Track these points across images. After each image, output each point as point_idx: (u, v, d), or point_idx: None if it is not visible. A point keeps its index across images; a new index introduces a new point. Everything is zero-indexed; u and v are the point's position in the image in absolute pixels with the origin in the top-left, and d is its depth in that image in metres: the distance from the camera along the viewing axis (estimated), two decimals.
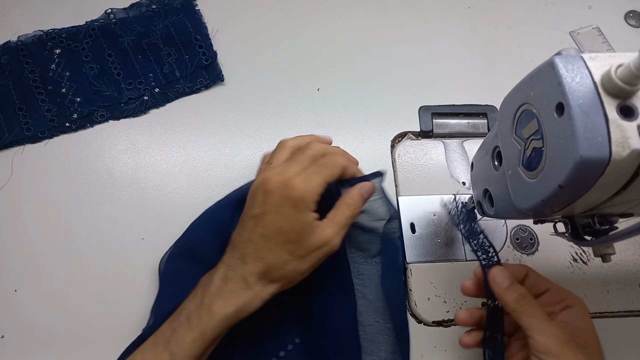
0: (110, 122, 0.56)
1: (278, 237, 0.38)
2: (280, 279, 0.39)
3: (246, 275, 0.38)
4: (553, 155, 0.28)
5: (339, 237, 0.39)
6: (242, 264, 0.39)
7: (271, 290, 0.39)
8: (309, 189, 0.38)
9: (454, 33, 0.63)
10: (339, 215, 0.40)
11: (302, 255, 0.38)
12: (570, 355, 0.33)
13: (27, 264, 0.49)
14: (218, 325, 0.37)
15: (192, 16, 0.60)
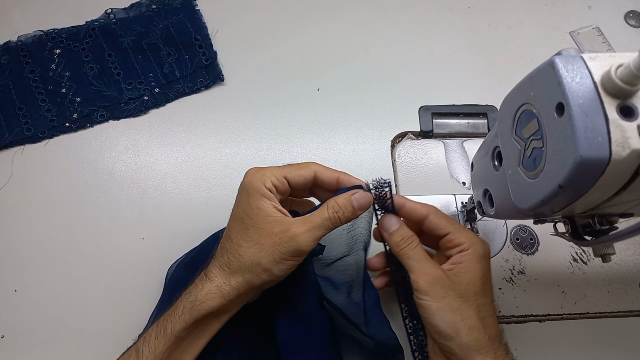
0: (110, 122, 0.56)
1: (236, 225, 0.38)
2: (239, 269, 0.36)
3: (209, 268, 0.38)
4: (553, 155, 0.28)
5: (309, 236, 0.36)
6: (210, 260, 0.39)
7: (234, 284, 0.36)
8: (259, 175, 0.37)
9: (454, 33, 0.63)
10: (315, 214, 0.37)
11: (261, 244, 0.36)
12: (440, 292, 0.35)
13: (27, 264, 0.49)
14: (176, 319, 0.36)
15: (192, 16, 0.60)
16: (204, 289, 0.37)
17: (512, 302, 0.48)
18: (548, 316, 0.48)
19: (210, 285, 0.37)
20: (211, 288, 0.37)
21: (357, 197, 0.37)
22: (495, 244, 0.51)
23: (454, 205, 0.52)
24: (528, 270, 0.50)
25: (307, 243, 0.36)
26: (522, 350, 0.47)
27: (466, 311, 0.35)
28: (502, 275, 0.50)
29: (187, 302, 0.37)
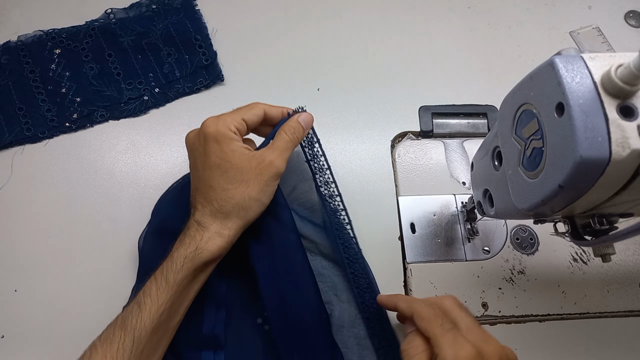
0: (110, 122, 0.56)
1: (214, 173, 0.40)
2: (233, 209, 0.40)
3: (198, 218, 0.40)
4: (553, 155, 0.28)
5: (281, 159, 0.41)
6: (194, 211, 0.41)
7: (231, 225, 0.40)
8: (221, 122, 0.41)
9: (454, 33, 0.63)
10: (278, 140, 0.42)
11: (245, 180, 0.40)
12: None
13: (27, 264, 0.49)
14: (179, 269, 0.38)
15: (192, 16, 0.60)
16: (204, 237, 0.39)
17: (512, 302, 0.48)
18: (548, 316, 0.48)
19: (209, 232, 0.40)
20: (210, 235, 0.40)
21: (302, 118, 0.44)
22: (495, 244, 0.51)
23: (454, 205, 0.53)
24: (528, 270, 0.50)
25: (282, 164, 0.41)
26: (522, 350, 0.47)
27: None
28: (502, 275, 0.50)
29: (188, 252, 0.39)
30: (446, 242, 0.51)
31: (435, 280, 0.49)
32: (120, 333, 0.37)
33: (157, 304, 0.38)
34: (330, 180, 0.48)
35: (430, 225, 0.52)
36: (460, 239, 0.51)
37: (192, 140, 0.43)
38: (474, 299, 0.48)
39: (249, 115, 0.43)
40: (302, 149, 0.47)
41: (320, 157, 0.48)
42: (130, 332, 0.36)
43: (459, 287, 0.49)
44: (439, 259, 0.50)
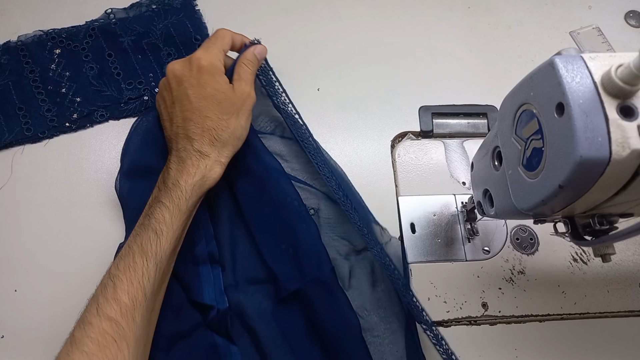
0: (110, 122, 0.56)
1: (209, 103, 0.44)
2: (229, 138, 0.44)
3: (198, 147, 0.43)
4: (553, 155, 0.28)
5: (252, 89, 0.47)
6: (189, 141, 0.44)
7: (227, 153, 0.45)
8: (212, 55, 0.45)
9: (454, 33, 0.63)
10: (242, 72, 0.47)
11: (235, 111, 0.45)
12: None
13: (27, 264, 0.49)
14: (190, 196, 0.42)
15: (192, 16, 0.60)
16: (207, 166, 0.43)
17: (512, 302, 0.48)
18: (548, 316, 0.48)
19: (210, 161, 0.43)
20: (212, 163, 0.43)
21: (257, 51, 0.49)
22: (495, 244, 0.51)
23: (454, 205, 0.53)
24: (528, 270, 0.50)
25: (254, 94, 0.47)
26: (522, 350, 0.47)
27: None
28: (502, 275, 0.50)
29: (195, 180, 0.42)
30: (446, 242, 0.51)
31: (435, 280, 0.49)
32: (141, 260, 0.39)
33: (172, 229, 0.41)
34: (287, 101, 0.52)
35: (430, 225, 0.52)
36: (460, 239, 0.51)
37: (180, 71, 0.45)
38: (474, 299, 0.48)
39: (225, 44, 0.47)
40: (257, 77, 0.51)
41: (274, 82, 0.52)
42: (152, 257, 0.39)
43: (459, 287, 0.49)
44: (439, 259, 0.50)
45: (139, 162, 0.50)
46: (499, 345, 0.47)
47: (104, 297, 0.37)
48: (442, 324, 0.48)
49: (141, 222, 0.42)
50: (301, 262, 0.46)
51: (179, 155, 0.44)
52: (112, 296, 0.37)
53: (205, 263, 0.46)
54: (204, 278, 0.45)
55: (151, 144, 0.50)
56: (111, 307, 0.36)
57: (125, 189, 0.49)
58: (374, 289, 0.48)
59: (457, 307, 0.48)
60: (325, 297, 0.45)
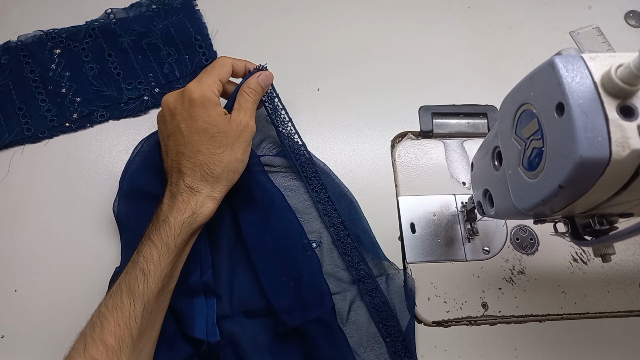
0: (110, 122, 0.56)
1: (201, 137, 0.42)
2: (223, 173, 0.42)
3: (189, 183, 0.42)
4: (553, 155, 0.28)
5: (252, 120, 0.45)
6: (181, 177, 0.42)
7: (220, 188, 0.43)
8: (205, 87, 0.43)
9: (454, 33, 0.63)
10: (243, 102, 0.45)
11: (230, 144, 0.43)
12: None
13: (27, 264, 0.49)
14: (179, 234, 0.40)
15: (192, 16, 0.60)
16: (198, 202, 0.42)
17: (512, 302, 0.48)
18: (548, 316, 0.48)
19: (202, 197, 0.42)
20: (203, 199, 0.42)
21: (262, 78, 0.47)
22: (495, 244, 0.51)
23: (454, 205, 0.53)
24: (528, 270, 0.50)
25: (254, 125, 0.45)
26: (522, 350, 0.47)
27: None
28: (502, 275, 0.50)
29: (185, 217, 0.41)
30: (446, 242, 0.51)
31: (435, 280, 0.49)
32: (129, 300, 0.38)
33: (160, 268, 0.39)
34: (292, 131, 0.51)
35: (430, 225, 0.52)
36: (460, 239, 0.51)
37: (173, 104, 0.44)
38: (474, 299, 0.48)
39: (223, 73, 0.45)
40: (263, 104, 0.50)
41: (280, 110, 0.51)
42: (139, 298, 0.38)
43: (459, 287, 0.49)
44: (439, 259, 0.50)
45: (138, 185, 0.49)
46: (499, 345, 0.47)
47: (91, 337, 0.37)
48: (442, 324, 0.48)
49: (133, 258, 0.41)
50: (302, 298, 0.45)
51: (171, 190, 0.43)
52: (99, 337, 0.37)
53: (200, 295, 0.45)
54: (197, 310, 0.44)
55: (151, 168, 0.49)
56: (97, 348, 0.36)
57: (123, 210, 0.48)
58: (371, 324, 0.47)
59: (457, 307, 0.48)
60: (324, 336, 0.44)
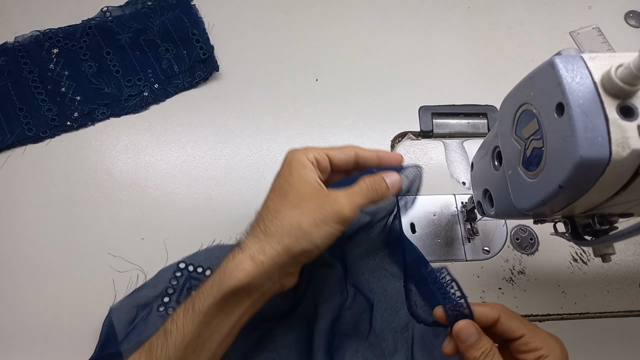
0: (110, 121, 0.56)
1: (275, 194, 0.37)
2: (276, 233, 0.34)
3: (241, 239, 0.36)
4: (553, 155, 0.28)
5: (350, 202, 0.35)
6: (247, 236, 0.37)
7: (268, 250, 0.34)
8: (301, 150, 0.38)
9: (454, 33, 0.63)
10: (355, 185, 0.37)
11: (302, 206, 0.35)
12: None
13: (27, 264, 0.49)
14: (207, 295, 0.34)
15: (188, 11, 0.60)
16: (235, 259, 0.34)
17: (512, 302, 0.48)
18: (548, 316, 0.48)
19: (242, 255, 0.34)
20: (243, 258, 0.34)
21: (390, 179, 0.38)
22: (495, 244, 0.51)
23: (454, 205, 0.52)
24: (528, 270, 0.50)
25: (349, 208, 0.35)
26: None
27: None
28: (502, 275, 0.50)
29: (217, 274, 0.35)
30: (446, 242, 0.51)
31: None
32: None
33: (182, 333, 0.34)
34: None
35: (430, 225, 0.52)
36: (460, 239, 0.51)
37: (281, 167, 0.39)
38: (474, 299, 0.48)
39: (336, 152, 0.38)
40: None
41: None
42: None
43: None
44: (439, 259, 0.50)
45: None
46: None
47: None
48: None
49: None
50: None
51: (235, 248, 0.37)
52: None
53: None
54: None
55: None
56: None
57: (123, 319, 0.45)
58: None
59: None
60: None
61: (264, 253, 0.34)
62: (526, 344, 0.34)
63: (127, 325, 0.44)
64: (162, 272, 0.47)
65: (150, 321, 0.44)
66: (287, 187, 0.36)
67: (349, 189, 0.37)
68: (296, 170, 0.36)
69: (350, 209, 0.35)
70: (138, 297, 0.46)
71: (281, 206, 0.35)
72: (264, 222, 0.36)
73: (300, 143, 0.55)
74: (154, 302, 0.45)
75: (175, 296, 0.45)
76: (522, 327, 0.34)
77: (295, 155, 0.37)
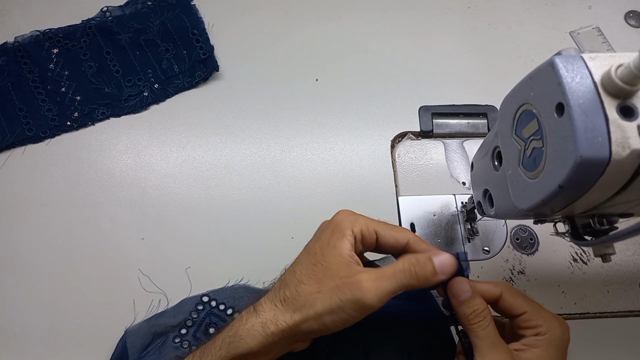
0: (110, 121, 0.56)
1: (305, 259, 0.35)
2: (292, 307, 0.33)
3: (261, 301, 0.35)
4: (553, 155, 0.28)
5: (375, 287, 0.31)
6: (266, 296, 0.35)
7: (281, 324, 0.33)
8: (349, 219, 0.35)
9: (454, 33, 0.63)
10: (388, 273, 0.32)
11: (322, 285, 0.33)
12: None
13: (27, 264, 0.49)
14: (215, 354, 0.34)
15: (188, 11, 0.60)
16: (248, 323, 0.34)
17: None
18: None
19: (256, 320, 0.34)
20: (255, 324, 0.33)
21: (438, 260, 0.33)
22: (495, 244, 0.51)
23: (454, 205, 0.52)
24: (528, 270, 0.50)
25: (372, 295, 0.31)
26: None
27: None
28: (502, 275, 0.50)
29: (227, 335, 0.34)
30: (446, 242, 0.51)
31: None
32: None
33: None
34: None
35: (430, 225, 0.52)
36: (460, 239, 0.51)
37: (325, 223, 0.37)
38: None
39: (387, 231, 0.35)
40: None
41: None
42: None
43: None
44: None
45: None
46: None
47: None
48: None
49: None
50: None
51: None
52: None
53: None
54: None
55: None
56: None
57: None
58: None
59: None
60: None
61: (276, 324, 0.33)
62: (526, 321, 0.34)
63: (140, 350, 0.44)
64: (183, 302, 0.46)
65: (163, 351, 0.44)
66: (318, 256, 0.34)
67: (381, 271, 0.33)
68: (335, 239, 0.34)
69: (374, 298, 0.31)
70: (156, 325, 0.45)
71: (305, 277, 0.34)
72: (285, 290, 0.34)
73: (300, 143, 0.55)
74: (170, 332, 0.45)
75: (192, 329, 0.45)
76: (525, 304, 0.35)
77: (342, 223, 0.35)
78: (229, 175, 0.54)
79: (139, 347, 0.44)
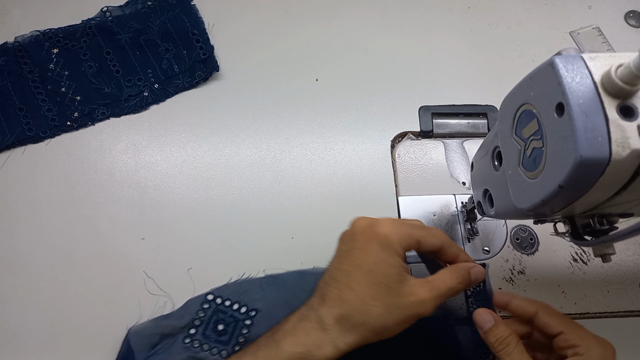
0: (110, 121, 0.56)
1: (363, 277, 0.36)
2: (361, 326, 0.35)
3: (323, 315, 0.36)
4: (553, 155, 0.28)
5: (433, 304, 0.36)
6: (321, 303, 0.36)
7: (349, 340, 0.35)
8: (396, 231, 0.36)
9: (454, 33, 0.63)
10: (440, 281, 0.36)
11: (388, 304, 0.35)
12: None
13: (27, 264, 0.49)
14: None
15: (188, 11, 0.60)
16: (317, 339, 0.35)
17: None
18: None
19: (324, 337, 0.35)
20: (324, 341, 0.35)
21: (473, 271, 0.39)
22: (495, 244, 0.51)
23: (454, 205, 0.52)
24: (528, 270, 0.50)
25: (430, 310, 0.36)
26: None
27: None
28: (502, 275, 0.50)
29: (297, 352, 0.35)
30: None
31: None
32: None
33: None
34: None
35: (430, 225, 0.52)
36: (460, 239, 0.51)
37: (360, 228, 0.38)
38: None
39: (427, 241, 0.38)
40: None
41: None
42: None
43: None
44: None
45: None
46: None
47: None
48: None
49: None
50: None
51: (304, 311, 0.37)
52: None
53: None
54: None
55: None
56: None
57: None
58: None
59: None
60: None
61: (344, 341, 0.35)
62: (565, 341, 0.36)
63: (147, 349, 0.44)
64: (189, 303, 0.46)
65: (174, 351, 0.44)
66: (378, 276, 0.35)
67: (434, 284, 0.36)
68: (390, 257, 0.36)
69: (430, 311, 0.36)
70: (163, 326, 0.45)
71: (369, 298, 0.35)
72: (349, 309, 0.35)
73: (300, 143, 0.55)
74: (179, 334, 0.45)
75: (201, 328, 0.45)
76: (561, 324, 0.36)
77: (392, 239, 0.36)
78: (229, 175, 0.54)
79: (145, 346, 0.44)
